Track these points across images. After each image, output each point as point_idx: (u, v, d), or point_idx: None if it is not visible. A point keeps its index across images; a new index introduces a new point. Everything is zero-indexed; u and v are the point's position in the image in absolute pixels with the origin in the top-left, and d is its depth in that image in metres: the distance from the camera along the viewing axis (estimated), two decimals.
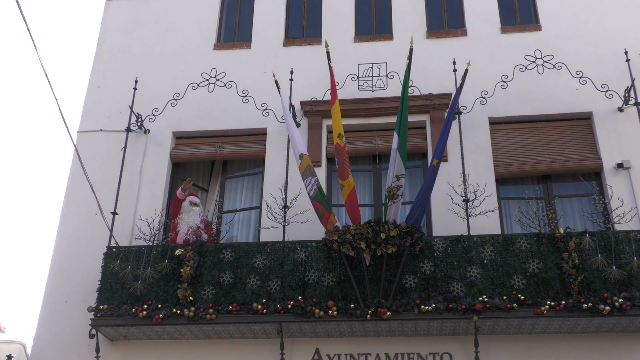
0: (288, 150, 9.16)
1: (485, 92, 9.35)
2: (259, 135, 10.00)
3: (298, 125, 9.52)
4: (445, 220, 8.76)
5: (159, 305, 8.18)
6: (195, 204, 9.23)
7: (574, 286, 7.73)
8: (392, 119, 9.24)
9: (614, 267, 7.75)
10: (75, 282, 9.09)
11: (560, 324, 7.85)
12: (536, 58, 9.43)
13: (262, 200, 9.32)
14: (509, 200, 9.34)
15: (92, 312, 8.33)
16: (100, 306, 8.31)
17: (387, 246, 7.88)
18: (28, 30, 7.38)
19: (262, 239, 8.98)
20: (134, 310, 8.20)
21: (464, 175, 8.61)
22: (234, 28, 11.01)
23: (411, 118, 9.08)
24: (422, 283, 7.97)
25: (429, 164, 8.52)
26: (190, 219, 9.02)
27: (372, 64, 9.91)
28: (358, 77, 9.84)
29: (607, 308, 7.58)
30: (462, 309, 7.74)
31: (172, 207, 9.22)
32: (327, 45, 8.75)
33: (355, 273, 8.10)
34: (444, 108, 9.52)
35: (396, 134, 8.09)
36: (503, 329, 8.03)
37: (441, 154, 8.09)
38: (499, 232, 8.75)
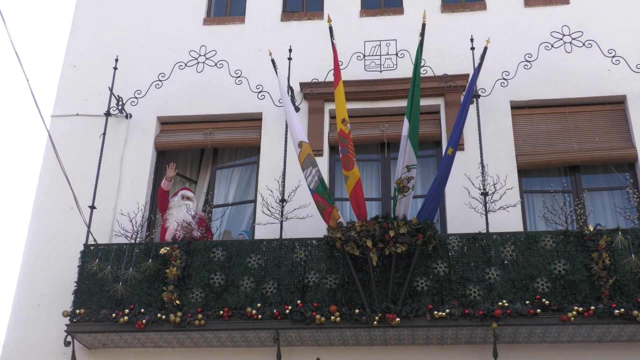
0: (286, 138, 9.16)
1: (507, 73, 9.33)
2: (254, 120, 9.99)
3: (297, 109, 9.50)
4: (461, 216, 8.76)
5: (142, 310, 8.20)
6: (188, 198, 9.25)
7: (604, 290, 7.73)
8: (403, 103, 9.22)
9: None
10: (49, 284, 9.10)
11: (589, 331, 7.86)
12: (563, 35, 9.40)
13: (257, 193, 9.33)
14: (533, 193, 9.34)
15: (68, 317, 8.35)
16: (77, 310, 8.33)
17: (397, 245, 7.88)
18: None
19: (257, 236, 8.99)
20: (114, 315, 8.21)
21: (483, 166, 8.60)
22: (226, 1, 10.98)
23: (423, 102, 9.06)
24: (435, 286, 7.98)
25: (443, 153, 8.50)
26: (180, 214, 9.03)
27: (380, 41, 9.88)
28: (364, 55, 9.82)
29: None
30: (480, 315, 7.74)
31: (159, 200, 9.23)
32: (329, 20, 8.73)
33: (361, 275, 8.10)
34: (461, 91, 9.50)
35: (407, 119, 8.07)
36: (525, 338, 8.04)
37: (457, 142, 8.07)
38: (521, 229, 8.75)
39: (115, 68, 9.81)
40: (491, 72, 9.38)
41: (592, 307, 7.66)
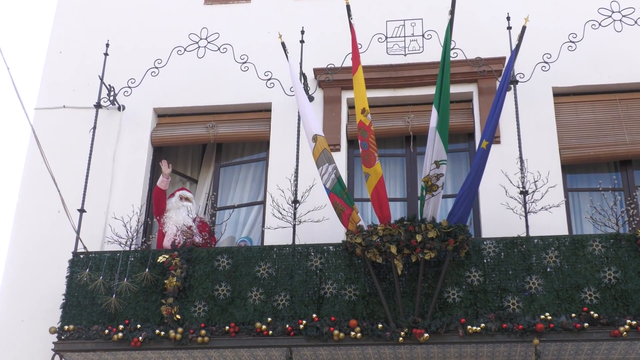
0: (299, 131, 9.16)
1: (548, 56, 9.29)
2: (262, 112, 10.02)
3: (311, 99, 9.51)
4: (498, 218, 8.74)
5: (139, 326, 8.23)
6: (187, 199, 9.27)
7: None
8: (431, 91, 9.20)
9: None
10: (34, 297, 9.16)
11: None
12: (613, 12, 9.34)
13: (267, 193, 9.34)
14: (579, 192, 9.31)
15: (55, 334, 8.39)
16: (65, 327, 8.37)
17: (424, 251, 7.87)
18: None
19: (267, 242, 9.00)
20: (107, 331, 8.24)
21: (522, 161, 8.57)
22: None
23: (454, 89, 9.04)
24: (469, 297, 7.96)
25: (476, 147, 8.48)
26: (179, 217, 9.06)
27: (404, 20, 9.85)
28: (387, 37, 9.79)
29: None
30: (520, 329, 7.71)
31: (155, 202, 9.26)
32: None
33: (384, 285, 8.10)
34: (496, 76, 9.48)
35: (435, 109, 8.05)
36: (571, 355, 8.01)
37: (492, 134, 8.05)
38: (565, 232, 8.73)
39: (106, 54, 9.85)
40: (531, 55, 9.33)
41: None
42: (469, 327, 7.78)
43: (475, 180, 8.04)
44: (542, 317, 7.76)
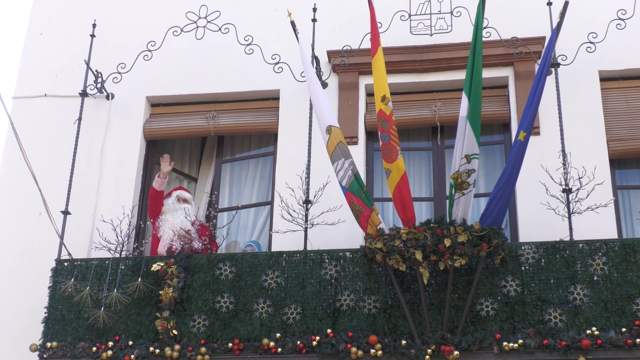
0: (311, 122, 9.16)
1: (594, 35, 9.26)
2: (269, 100, 10.04)
3: (325, 85, 9.50)
4: (537, 220, 8.73)
5: (130, 343, 8.25)
6: (185, 200, 9.28)
7: None
8: (460, 75, 9.19)
9: None
10: (12, 311, 9.18)
11: None
12: None
13: (275, 192, 9.34)
14: (629, 189, 9.28)
15: (37, 353, 8.42)
16: (48, 344, 8.39)
17: (454, 257, 7.86)
18: None
19: (275, 247, 9.01)
20: (94, 349, 8.27)
21: (564, 155, 8.55)
22: None
23: (487, 73, 9.02)
24: (505, 310, 7.94)
25: (513, 139, 8.46)
26: (176, 220, 9.07)
27: None
28: (410, 15, 9.79)
29: None
30: (563, 346, 7.70)
31: (150, 203, 9.28)
32: None
33: (408, 296, 8.09)
34: (535, 58, 9.46)
35: (465, 96, 8.03)
36: None
37: (531, 125, 8.03)
38: (615, 236, 8.70)
39: (92, 35, 9.87)
40: (574, 34, 9.31)
41: None
42: (504, 343, 7.76)
43: (511, 177, 8.01)
44: (589, 332, 7.74)
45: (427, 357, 7.81)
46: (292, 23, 9.14)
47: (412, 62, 9.73)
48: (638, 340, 7.66)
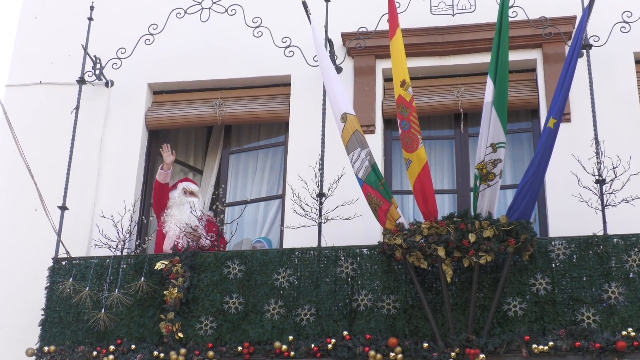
0: (324, 109, 9.16)
1: (628, 14, 9.24)
2: (280, 86, 10.06)
3: (339, 70, 9.51)
4: (569, 213, 8.73)
5: (133, 346, 8.28)
6: (192, 193, 9.30)
7: None
8: (485, 58, 9.19)
9: None
10: (7, 313, 9.24)
11: None
12: None
13: (286, 185, 9.36)
14: None
15: (33, 357, 8.45)
16: (45, 348, 8.43)
17: (479, 253, 7.86)
18: None
19: (287, 244, 9.02)
20: (95, 353, 8.30)
21: (597, 143, 8.53)
22: None
23: (513, 56, 9.02)
24: (534, 310, 7.94)
25: (542, 127, 8.44)
26: (183, 215, 9.10)
27: None
28: None
29: None
30: (597, 348, 7.67)
31: (155, 197, 9.32)
32: None
33: (430, 295, 8.10)
34: (565, 40, 9.44)
35: (491, 80, 8.02)
36: None
37: (561, 111, 8.02)
38: None
39: (90, 19, 9.89)
40: (607, 14, 9.31)
41: None
42: (534, 345, 7.75)
43: (540, 167, 8.00)
44: (624, 333, 7.71)
45: None
46: (304, 3, 9.15)
47: (433, 44, 9.73)
48: None
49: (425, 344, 7.90)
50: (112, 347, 8.29)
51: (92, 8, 9.93)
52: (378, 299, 8.15)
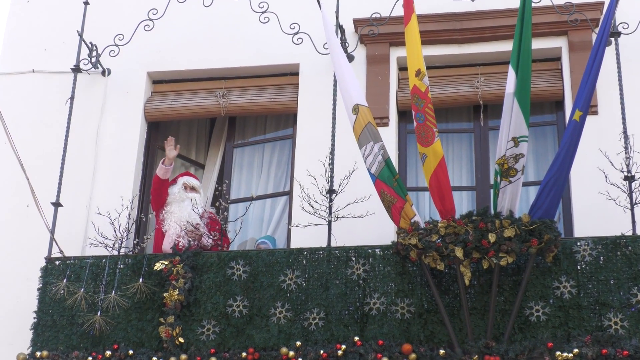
0: (334, 100, 9.16)
1: None
2: (287, 75, 10.07)
3: (351, 58, 9.50)
4: (595, 211, 8.72)
5: (131, 352, 8.27)
6: (193, 189, 9.29)
7: None
8: (506, 46, 9.19)
9: None
10: None
11: None
12: None
13: (294, 181, 9.36)
14: None
15: None
16: (37, 353, 8.43)
17: (500, 254, 7.85)
18: None
19: (295, 243, 9.02)
20: (90, 358, 8.30)
21: (626, 137, 8.52)
22: None
23: (537, 44, 8.98)
24: (558, 314, 7.93)
25: (567, 120, 8.42)
26: (183, 212, 9.09)
27: None
28: None
29: None
30: (625, 356, 7.65)
31: (153, 193, 9.31)
32: None
33: (447, 298, 8.09)
34: (593, 27, 9.42)
35: (512, 70, 8.00)
36: None
37: (588, 103, 8.00)
38: None
39: (86, 2, 9.88)
40: None
41: None
42: (557, 353, 7.73)
43: (565, 163, 7.99)
44: None
45: None
46: None
47: (451, 31, 9.73)
48: None
49: (442, 351, 7.90)
50: (108, 353, 8.28)
51: None
52: (391, 302, 8.14)
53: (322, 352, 8.00)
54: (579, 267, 8.04)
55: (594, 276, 8.00)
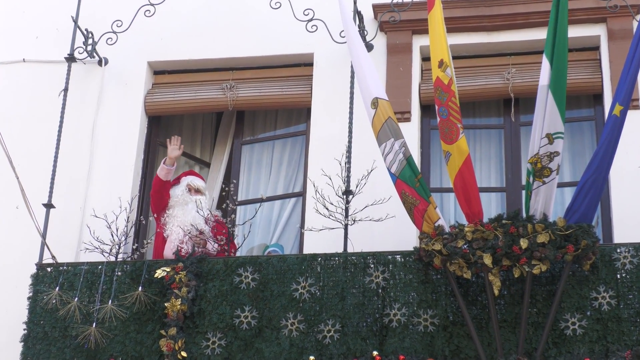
0: (352, 93, 9.16)
1: None
2: (301, 66, 10.09)
3: (370, 47, 9.50)
4: (637, 215, 8.71)
5: None
6: (198, 191, 9.29)
7: None
8: (540, 34, 9.20)
9: None
10: None
11: None
12: None
13: (307, 181, 9.36)
14: None
15: None
16: None
17: (533, 262, 7.83)
18: None
19: (308, 249, 9.01)
20: None
21: None
22: None
23: (573, 32, 8.98)
24: (596, 327, 7.90)
25: (606, 115, 8.40)
26: (187, 215, 9.10)
27: None
28: None
29: None
30: None
31: (153, 195, 9.33)
32: None
33: (475, 310, 8.08)
34: (634, 13, 9.43)
35: (547, 60, 7.99)
36: None
37: (629, 96, 7.98)
38: None
39: None
40: None
41: None
42: None
43: (604, 162, 7.96)
44: None
45: None
46: None
47: (478, 17, 9.73)
48: None
49: None
50: None
51: None
52: (413, 313, 8.14)
53: None
54: (618, 276, 8.02)
55: (635, 286, 7.98)
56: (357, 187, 8.69)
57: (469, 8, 9.70)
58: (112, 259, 8.80)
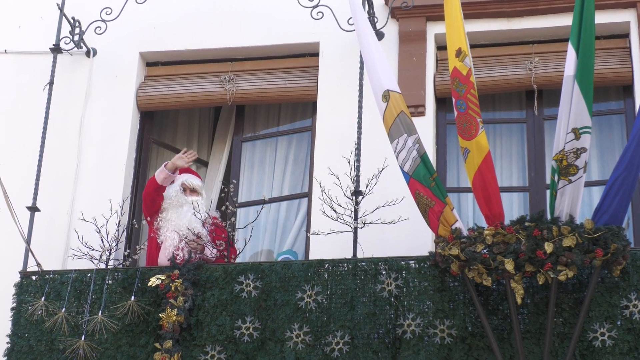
0: (361, 86, 9.16)
1: None
2: (305, 56, 10.11)
3: (381, 35, 9.51)
4: None
5: None
6: (194, 191, 9.30)
7: None
8: (565, 21, 9.21)
9: None
10: None
11: None
12: None
13: (313, 180, 9.38)
14: None
15: None
16: None
17: (558, 267, 7.83)
18: None
19: (314, 254, 9.02)
20: None
21: None
22: None
23: (601, 18, 9.00)
24: (627, 338, 7.90)
25: (637, 108, 8.40)
26: (182, 219, 9.10)
27: None
28: None
29: None
30: None
31: (146, 197, 9.32)
32: None
33: (495, 320, 8.09)
34: None
35: (573, 49, 8.00)
36: None
37: None
38: None
39: None
40: None
41: None
42: None
43: (635, 159, 7.96)
44: None
45: None
46: None
47: (498, 3, 9.74)
48: None
49: None
50: None
51: None
52: (429, 324, 8.14)
53: None
54: None
55: None
56: (367, 187, 8.70)
57: None
58: (102, 266, 8.83)
